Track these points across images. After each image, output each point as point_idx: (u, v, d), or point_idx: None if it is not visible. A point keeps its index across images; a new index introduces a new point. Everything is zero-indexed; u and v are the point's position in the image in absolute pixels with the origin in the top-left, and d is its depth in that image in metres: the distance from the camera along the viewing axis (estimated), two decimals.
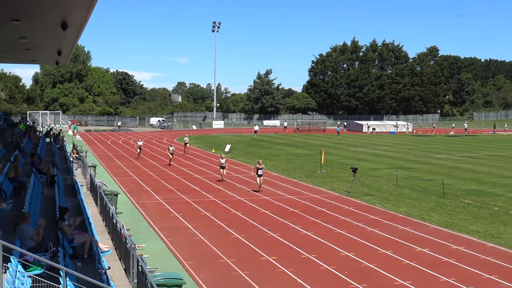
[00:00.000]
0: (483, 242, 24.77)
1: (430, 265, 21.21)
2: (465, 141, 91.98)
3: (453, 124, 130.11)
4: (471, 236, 25.87)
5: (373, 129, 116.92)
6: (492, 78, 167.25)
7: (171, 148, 54.48)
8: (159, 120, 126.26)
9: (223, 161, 42.21)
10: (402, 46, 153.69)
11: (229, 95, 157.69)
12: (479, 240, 25.18)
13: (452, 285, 19.05)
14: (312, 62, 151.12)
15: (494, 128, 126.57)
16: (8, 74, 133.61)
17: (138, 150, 59.01)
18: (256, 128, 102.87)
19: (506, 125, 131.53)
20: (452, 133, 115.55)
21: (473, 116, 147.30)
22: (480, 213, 31.17)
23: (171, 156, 53.55)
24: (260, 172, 36.66)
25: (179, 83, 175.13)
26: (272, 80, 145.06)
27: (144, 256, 18.01)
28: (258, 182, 37.17)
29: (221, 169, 42.28)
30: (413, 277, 19.84)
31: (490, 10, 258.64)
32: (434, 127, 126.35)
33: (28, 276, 11.17)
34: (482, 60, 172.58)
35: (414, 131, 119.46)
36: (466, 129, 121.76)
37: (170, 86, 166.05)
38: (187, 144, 65.91)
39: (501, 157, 65.02)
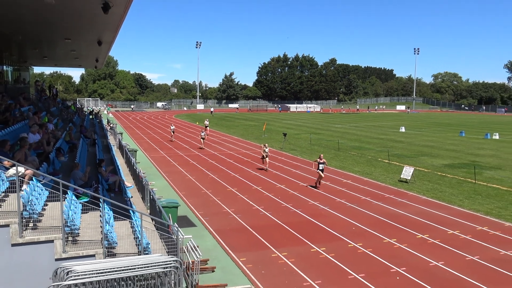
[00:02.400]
0: (362, 177, 25.37)
1: (331, 192, 21.62)
2: (352, 117, 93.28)
3: (358, 106, 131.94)
4: (355, 174, 26.42)
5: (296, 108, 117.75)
6: (369, 78, 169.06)
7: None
8: (162, 104, 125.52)
9: (267, 150, 27.44)
10: (314, 57, 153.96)
11: (207, 88, 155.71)
12: (359, 176, 25.77)
13: (344, 204, 19.45)
14: (259, 67, 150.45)
15: (368, 108, 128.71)
16: (63, 74, 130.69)
17: (172, 133, 44.56)
18: (212, 109, 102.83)
19: (376, 107, 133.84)
20: (344, 112, 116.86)
21: (357, 102, 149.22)
22: (360, 160, 31.80)
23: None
24: (321, 166, 22.16)
25: (175, 80, 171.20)
26: (234, 78, 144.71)
27: (154, 189, 17.88)
28: (321, 176, 22.40)
29: (263, 159, 27.76)
30: (318, 197, 20.28)
31: (368, 33, 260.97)
32: (342, 107, 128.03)
33: (79, 203, 11.02)
34: (363, 66, 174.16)
35: (322, 111, 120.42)
36: (358, 110, 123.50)
37: (169, 83, 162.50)
38: (207, 128, 50.11)
39: (373, 126, 66.25)
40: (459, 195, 21.15)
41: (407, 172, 24.45)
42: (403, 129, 58.34)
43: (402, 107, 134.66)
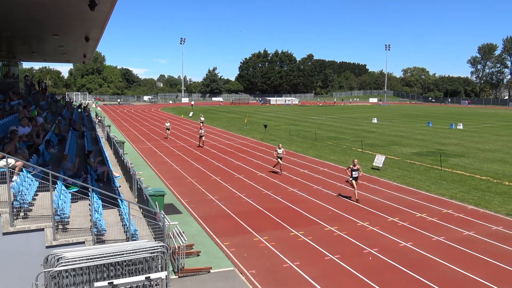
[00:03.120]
0: (338, 166, 25.58)
1: (309, 179, 21.73)
2: (328, 108, 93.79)
3: (335, 99, 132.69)
4: (331, 162, 26.62)
5: (275, 101, 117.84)
6: (344, 72, 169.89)
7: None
8: (149, 98, 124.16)
9: (280, 151, 22.80)
10: (293, 53, 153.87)
11: (191, 82, 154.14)
12: (335, 164, 25.98)
13: (321, 191, 19.59)
14: (241, 62, 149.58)
15: (342, 101, 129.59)
16: (52, 69, 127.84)
17: (167, 131, 39.02)
18: (192, 102, 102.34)
19: (351, 100, 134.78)
20: (320, 104, 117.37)
21: (333, 95, 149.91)
22: (336, 150, 32.03)
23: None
24: (355, 174, 17.57)
25: (161, 75, 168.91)
26: (217, 73, 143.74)
27: (141, 178, 17.70)
28: (355, 186, 17.68)
29: (277, 159, 22.92)
30: (297, 185, 20.39)
31: (342, 30, 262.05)
32: (318, 100, 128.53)
33: (68, 192, 10.83)
34: (338, 62, 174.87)
35: (300, 103, 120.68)
36: (335, 102, 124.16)
37: (155, 77, 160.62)
38: (203, 123, 45.51)
39: (348, 117, 66.77)
40: (426, 181, 21.53)
41: (379, 160, 24.75)
42: (375, 120, 58.94)
43: (375, 100, 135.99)
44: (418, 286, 10.15)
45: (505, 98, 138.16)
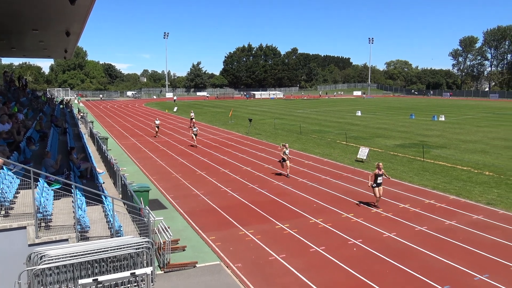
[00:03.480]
0: (322, 158, 25.76)
1: (294, 173, 21.80)
2: (313, 102, 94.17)
3: (320, 92, 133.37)
4: (316, 155, 26.77)
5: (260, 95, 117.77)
6: (328, 66, 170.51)
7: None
8: (132, 93, 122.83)
9: (287, 151, 20.80)
10: (277, 47, 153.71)
11: (176, 77, 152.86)
12: (320, 157, 26.14)
13: (306, 183, 19.72)
14: (225, 57, 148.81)
15: (326, 94, 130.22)
16: (33, 65, 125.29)
17: (156, 129, 36.67)
18: (175, 98, 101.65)
19: (335, 93, 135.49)
20: (305, 98, 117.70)
21: (317, 88, 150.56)
22: (321, 143, 32.23)
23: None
24: (380, 180, 15.67)
25: (144, 70, 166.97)
26: (201, 67, 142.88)
27: (125, 174, 17.54)
28: (378, 194, 15.73)
29: (282, 162, 20.94)
30: (282, 178, 20.46)
31: (327, 24, 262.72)
32: (303, 93, 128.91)
33: (51, 190, 10.69)
34: (322, 55, 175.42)
35: (285, 97, 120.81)
36: (320, 95, 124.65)
37: (138, 72, 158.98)
38: (193, 119, 42.42)
39: (332, 111, 67.17)
40: (409, 172, 21.83)
41: (363, 152, 24.99)
42: (359, 113, 59.41)
43: (359, 93, 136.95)
44: (401, 275, 10.33)
45: (486, 90, 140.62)
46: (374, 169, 16.06)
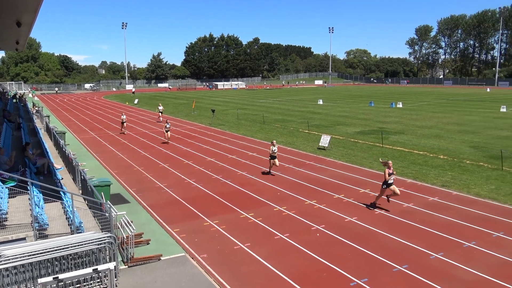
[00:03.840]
0: (286, 147, 26.01)
1: (258, 162, 21.96)
2: (275, 92, 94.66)
3: (283, 82, 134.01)
4: (279, 144, 26.96)
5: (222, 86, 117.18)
6: (289, 55, 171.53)
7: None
8: (90, 86, 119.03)
9: (275, 149, 19.11)
10: (238, 37, 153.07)
11: (136, 68, 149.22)
12: (283, 146, 26.38)
13: (267, 177, 19.88)
14: (186, 47, 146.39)
15: (288, 83, 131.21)
16: None
17: (122, 124, 33.07)
18: (133, 89, 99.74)
19: (297, 82, 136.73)
20: (268, 87, 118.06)
21: (279, 78, 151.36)
22: (284, 132, 32.54)
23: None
24: (391, 179, 14.13)
25: (102, 61, 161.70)
26: (162, 58, 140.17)
27: (85, 169, 17.10)
28: (396, 192, 14.08)
29: (271, 160, 19.16)
30: (246, 168, 20.54)
31: (288, 13, 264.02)
32: (265, 83, 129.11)
33: (5, 187, 10.27)
34: (284, 45, 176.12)
35: (247, 87, 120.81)
36: (283, 85, 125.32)
37: (96, 64, 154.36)
38: (162, 113, 42.30)
39: (294, 100, 67.82)
40: (369, 158, 22.47)
41: (325, 140, 25.46)
42: (321, 102, 60.32)
43: (320, 82, 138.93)
44: (362, 257, 10.68)
45: (440, 77, 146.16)
46: (384, 169, 14.33)
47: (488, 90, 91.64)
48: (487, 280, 9.45)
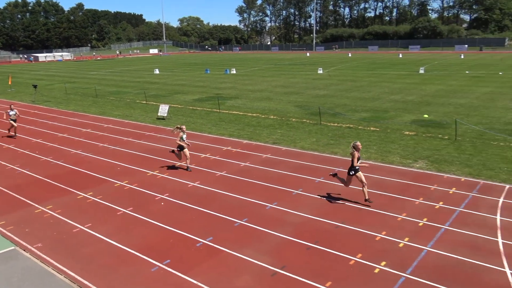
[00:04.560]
0: (123, 120, 24.87)
1: (93, 138, 20.54)
2: (107, 62, 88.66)
3: (117, 51, 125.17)
4: (115, 118, 25.71)
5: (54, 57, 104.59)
6: (120, 23, 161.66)
7: (12, 113, 20.96)
8: None
9: (184, 136, 14.93)
10: (58, 2, 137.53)
11: None
12: (120, 119, 25.21)
13: (107, 148, 18.88)
14: None
15: (120, 53, 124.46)
16: None
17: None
18: None
19: (130, 52, 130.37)
20: (99, 58, 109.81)
21: (111, 48, 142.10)
22: (119, 104, 30.99)
23: (15, 125, 21.80)
24: (359, 166, 11.35)
25: None
26: None
27: None
28: (363, 180, 11.28)
29: (179, 151, 14.94)
30: (80, 146, 19.12)
31: None
32: (95, 54, 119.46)
33: None
34: (113, 12, 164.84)
35: (75, 59, 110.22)
36: (117, 55, 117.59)
37: None
38: None
39: (129, 70, 64.72)
40: (208, 123, 23.14)
41: (163, 109, 25.19)
42: (157, 71, 58.99)
43: (155, 51, 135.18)
44: (206, 218, 11.15)
45: (268, 43, 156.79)
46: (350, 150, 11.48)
47: (308, 54, 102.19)
48: (312, 219, 10.90)
